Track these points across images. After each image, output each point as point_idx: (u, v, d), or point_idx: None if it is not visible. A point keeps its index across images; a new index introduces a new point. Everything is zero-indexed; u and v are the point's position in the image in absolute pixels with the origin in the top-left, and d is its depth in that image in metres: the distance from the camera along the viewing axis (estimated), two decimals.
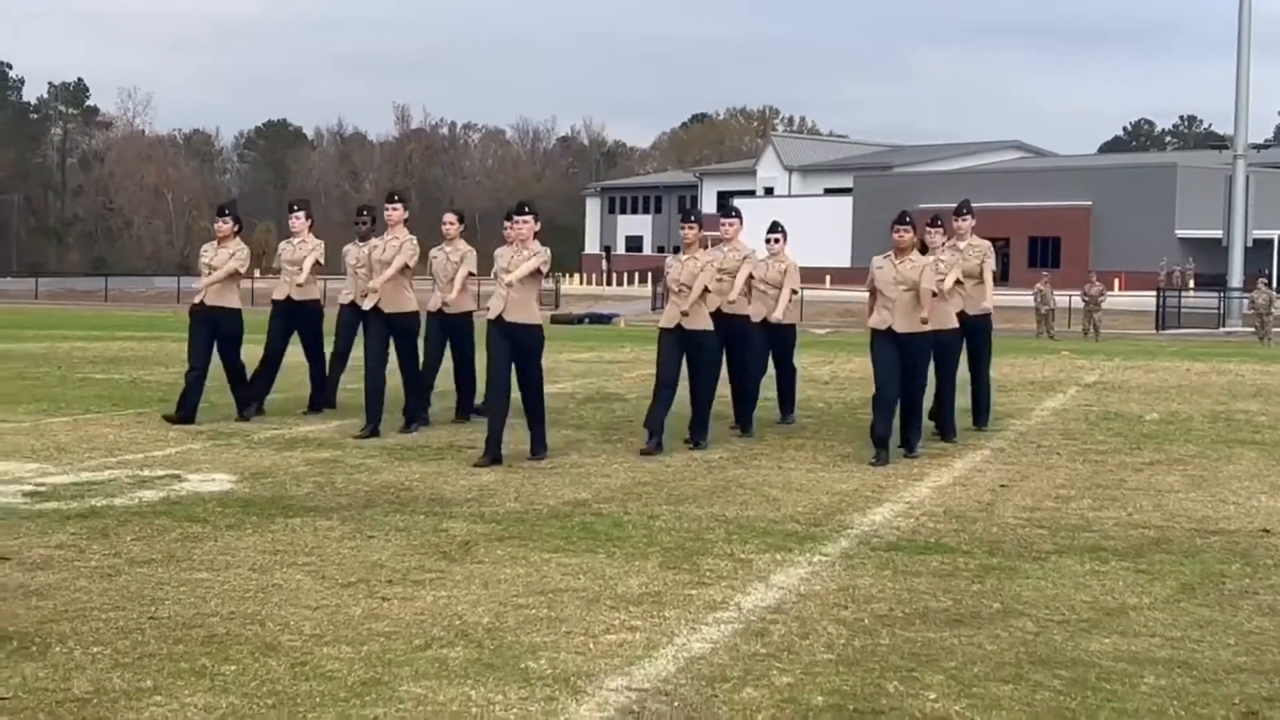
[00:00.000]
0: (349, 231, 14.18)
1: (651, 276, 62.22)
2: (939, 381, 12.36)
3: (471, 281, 13.11)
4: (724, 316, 12.00)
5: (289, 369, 14.08)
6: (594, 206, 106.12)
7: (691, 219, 11.70)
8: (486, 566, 7.03)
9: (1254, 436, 13.41)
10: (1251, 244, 54.57)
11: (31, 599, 6.21)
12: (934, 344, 11.52)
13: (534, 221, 11.01)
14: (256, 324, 13.92)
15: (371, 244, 12.84)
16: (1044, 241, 72.76)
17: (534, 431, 11.10)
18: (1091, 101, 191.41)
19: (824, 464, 11.02)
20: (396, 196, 12.93)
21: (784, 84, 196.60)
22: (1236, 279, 52.67)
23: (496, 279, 10.97)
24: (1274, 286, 41.93)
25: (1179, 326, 48.50)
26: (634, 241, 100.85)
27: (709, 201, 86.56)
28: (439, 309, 13.08)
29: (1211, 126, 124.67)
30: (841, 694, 5.02)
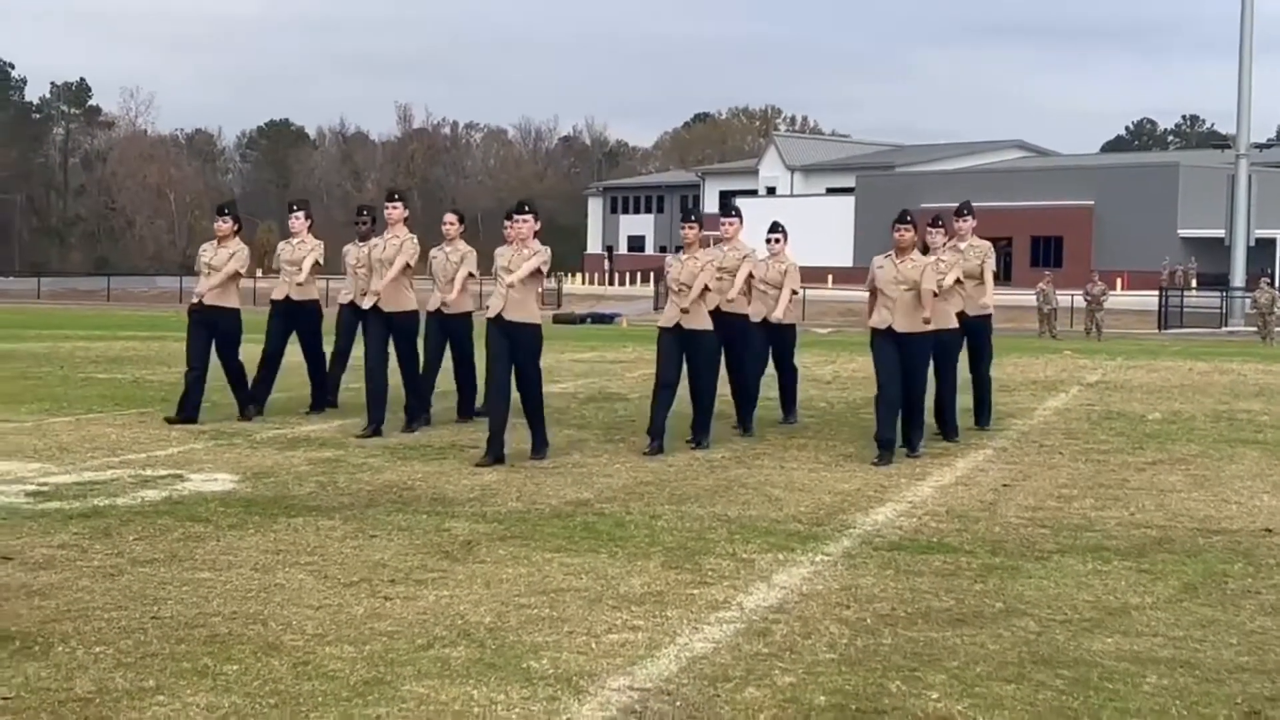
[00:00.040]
0: (351, 231, 14.18)
1: (653, 276, 62.22)
2: (939, 381, 12.35)
3: (472, 282, 13.11)
4: (723, 316, 12.00)
5: (289, 369, 14.08)
6: (596, 206, 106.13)
7: (692, 219, 11.72)
8: (489, 566, 7.03)
9: (1256, 436, 13.40)
10: (1254, 243, 54.57)
11: (34, 599, 6.22)
12: (934, 344, 11.53)
13: (534, 220, 11.01)
14: (255, 324, 13.92)
15: (372, 243, 12.84)
16: (1046, 241, 72.77)
17: (534, 432, 11.10)
18: (1094, 101, 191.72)
19: (826, 464, 11.02)
20: (396, 195, 12.92)
21: (785, 84, 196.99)
22: (1239, 278, 52.66)
23: (496, 278, 10.98)
24: (1276, 286, 41.83)
25: (1181, 326, 48.49)
26: (636, 241, 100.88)
27: (711, 201, 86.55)
28: (438, 309, 13.08)
29: (1214, 126, 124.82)
30: (844, 693, 5.02)
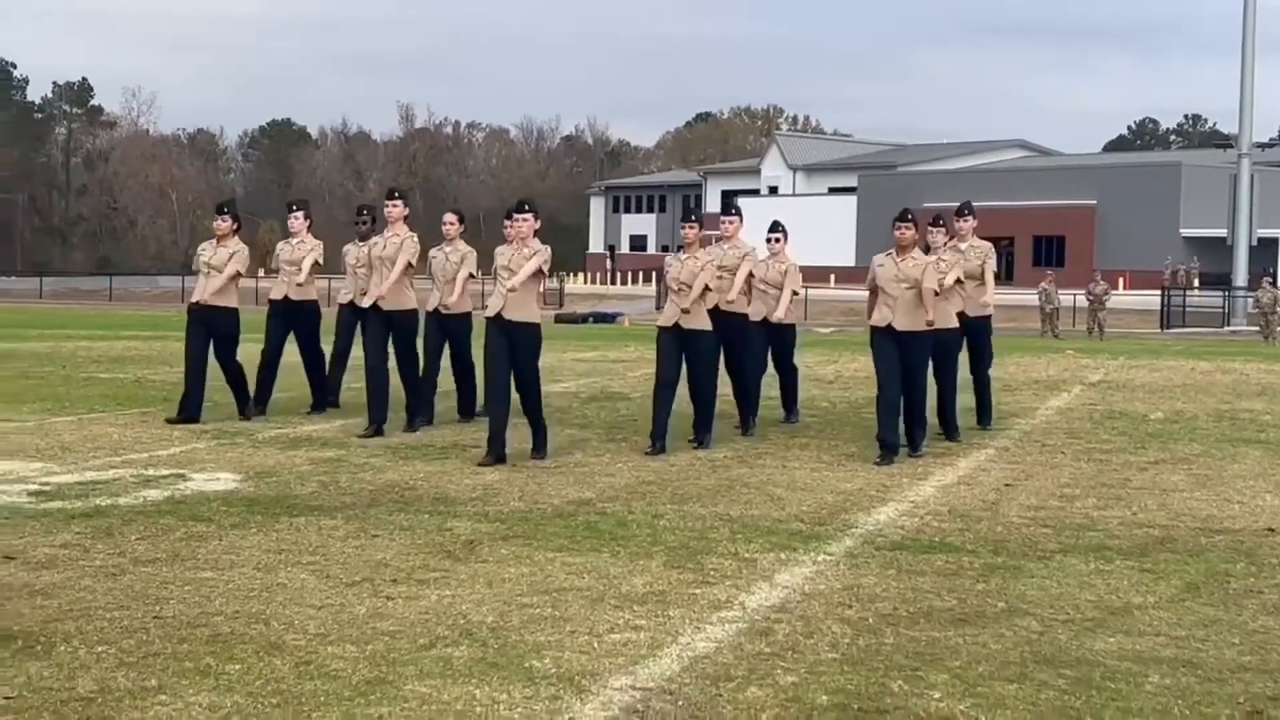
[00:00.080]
0: (352, 231, 14.18)
1: (656, 275, 62.27)
2: (940, 381, 12.34)
3: (473, 282, 13.09)
4: (723, 315, 11.99)
5: (291, 368, 14.08)
6: (598, 206, 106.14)
7: (692, 218, 11.72)
8: (491, 565, 7.03)
9: (1259, 435, 13.40)
10: (1256, 243, 54.58)
11: (36, 598, 6.22)
12: (934, 343, 11.51)
13: (534, 219, 11.00)
14: (254, 324, 13.91)
15: (372, 242, 12.82)
16: (1048, 240, 72.77)
17: (534, 431, 11.09)
18: (1096, 101, 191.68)
19: (828, 463, 11.02)
20: (396, 193, 12.88)
21: (786, 84, 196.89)
22: (1241, 278, 52.67)
23: (496, 277, 10.96)
24: (1278, 285, 41.82)
25: (1183, 325, 48.50)
26: (638, 241, 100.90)
27: (713, 201, 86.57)
28: (437, 308, 13.08)
29: (1216, 125, 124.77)
30: (846, 693, 5.02)
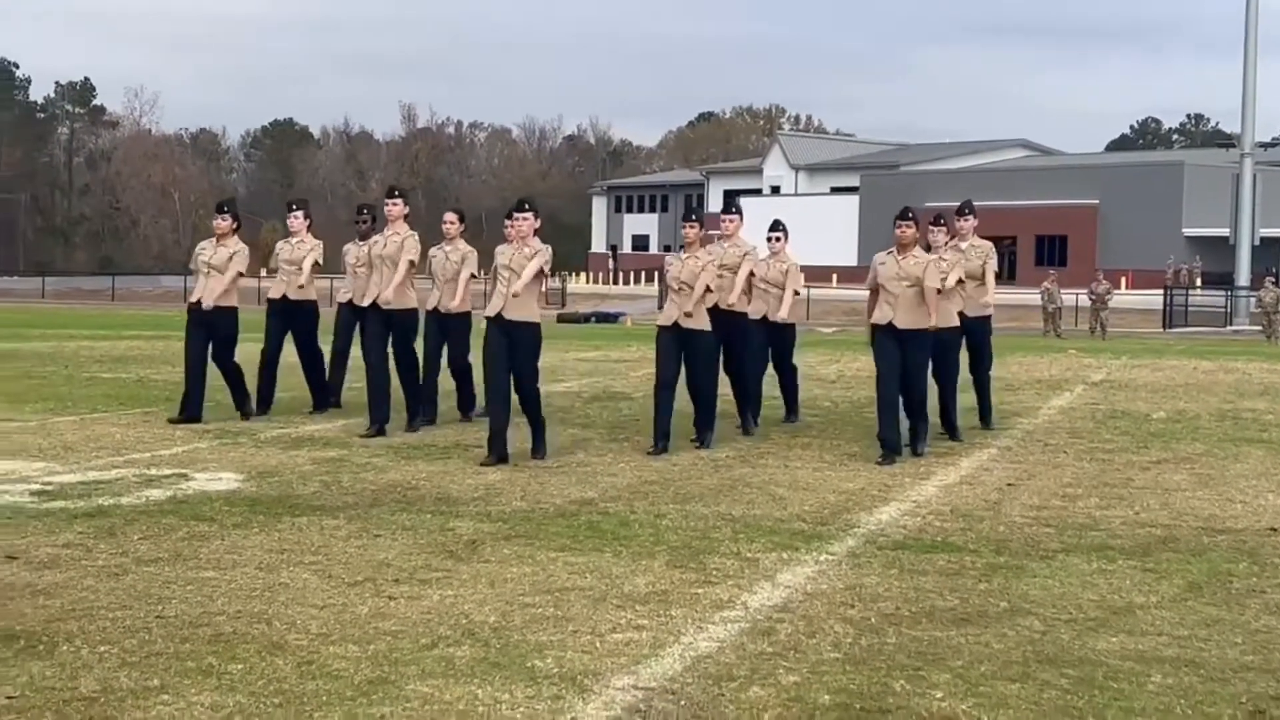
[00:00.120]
0: (354, 230, 14.16)
1: (658, 275, 62.24)
2: (940, 381, 12.32)
3: (475, 282, 13.05)
4: (722, 314, 11.98)
5: (292, 368, 14.06)
6: (600, 205, 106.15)
7: (693, 218, 11.70)
8: (493, 565, 7.03)
9: (1261, 435, 13.39)
10: (1259, 242, 54.55)
11: (39, 598, 6.22)
12: (934, 342, 11.48)
13: (534, 218, 10.98)
14: (253, 323, 13.90)
15: (372, 240, 12.79)
16: (1051, 240, 72.77)
17: (533, 431, 11.05)
18: (1098, 100, 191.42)
19: (830, 463, 11.02)
20: (396, 191, 12.83)
21: (787, 83, 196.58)
22: (1244, 277, 52.66)
23: (496, 276, 10.91)
24: None
25: (1186, 325, 48.49)
26: (640, 240, 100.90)
27: (716, 200, 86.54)
28: (436, 307, 13.06)
29: (1219, 125, 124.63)
30: (848, 693, 5.02)
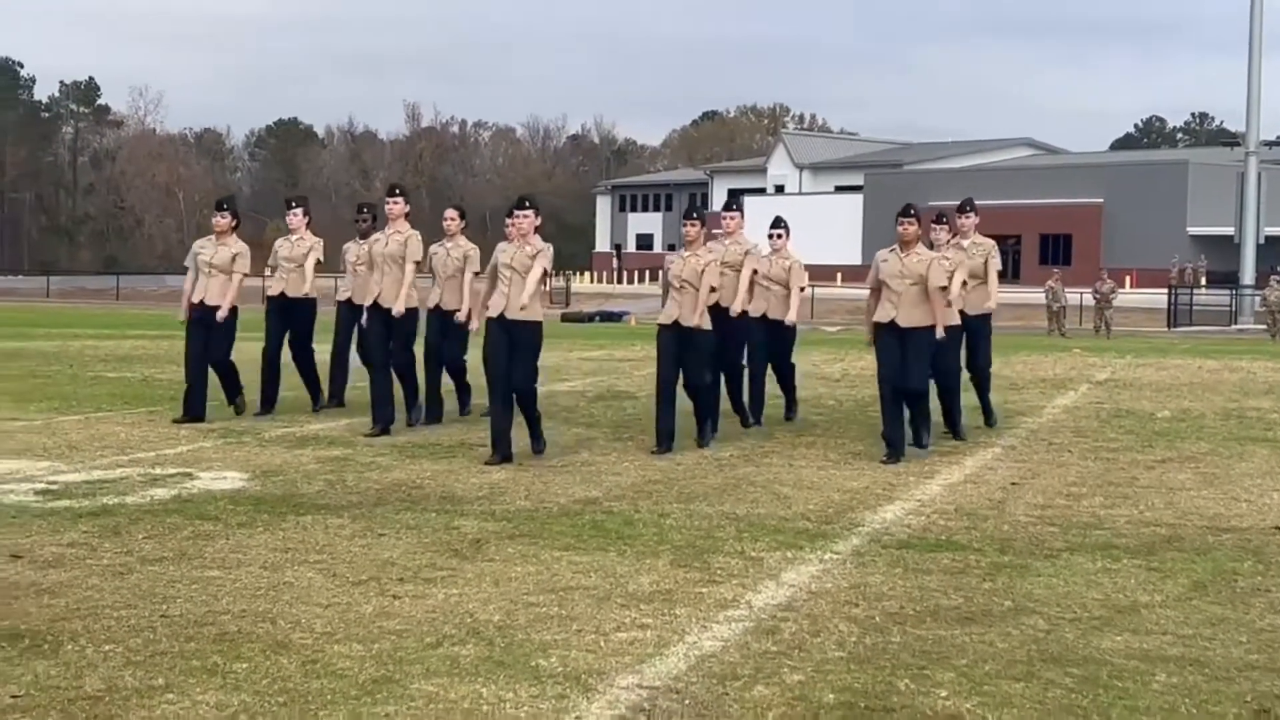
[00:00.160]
0: (356, 229, 14.13)
1: (662, 274, 62.30)
2: (941, 379, 12.24)
3: (478, 280, 13.03)
4: (722, 312, 11.94)
5: (293, 367, 14.04)
6: (604, 204, 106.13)
7: (694, 215, 11.67)
8: (497, 564, 7.03)
9: (1266, 434, 13.37)
10: (1263, 241, 54.47)
11: (43, 597, 6.23)
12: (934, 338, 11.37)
13: (535, 216, 10.95)
14: (250, 322, 13.88)
15: (373, 239, 12.71)
16: (1055, 239, 72.70)
17: (529, 428, 10.99)
18: (1102, 99, 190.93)
19: (835, 462, 11.01)
20: (397, 190, 12.72)
21: (790, 82, 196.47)
22: (1248, 276, 52.59)
23: (497, 275, 10.84)
24: None
25: (1190, 324, 48.43)
26: (644, 239, 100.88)
27: (720, 199, 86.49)
28: (437, 305, 13.05)
29: (1223, 123, 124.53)
30: (853, 691, 5.02)
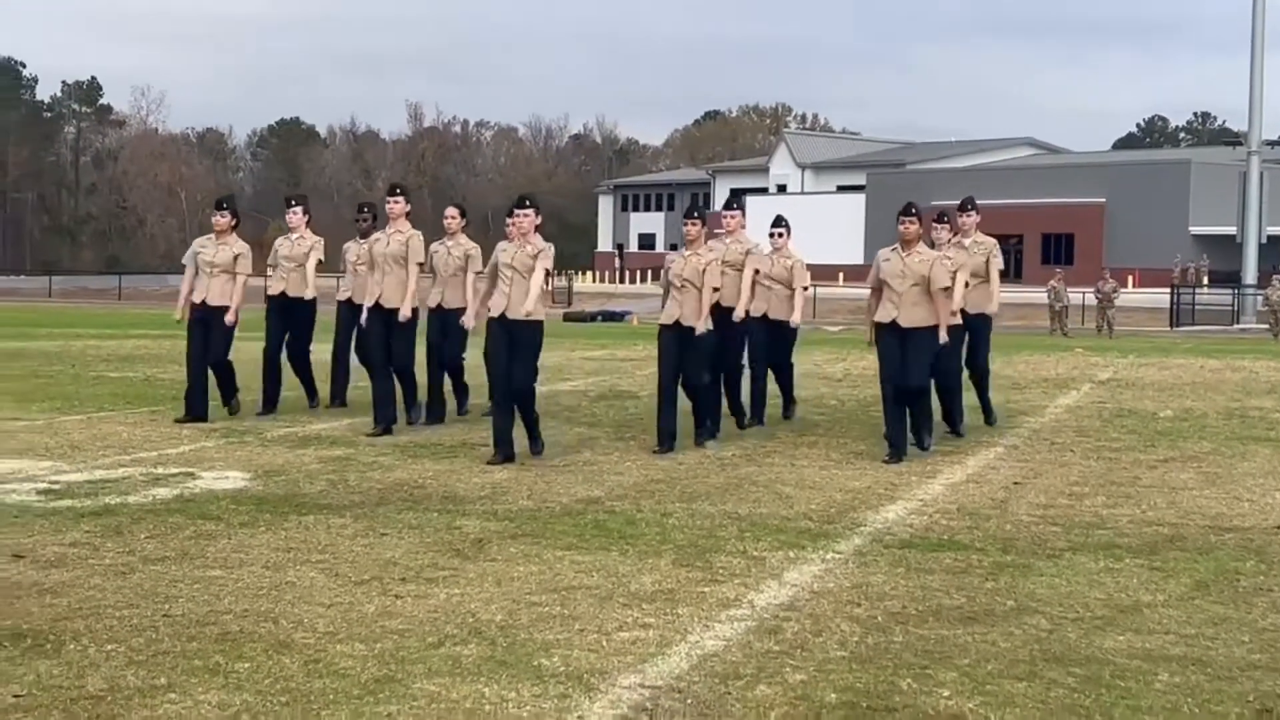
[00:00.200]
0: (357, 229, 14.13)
1: (663, 274, 62.23)
2: (942, 378, 12.23)
3: (479, 280, 13.01)
4: (722, 312, 11.92)
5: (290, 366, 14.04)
6: (606, 204, 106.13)
7: (694, 214, 11.65)
8: (499, 564, 7.03)
9: (1268, 433, 13.36)
10: (1266, 240, 54.48)
11: (45, 596, 6.23)
12: (936, 338, 11.36)
13: (535, 215, 10.94)
14: (250, 322, 13.87)
15: (373, 238, 12.66)
16: (1058, 238, 72.69)
17: (527, 429, 10.90)
18: (1103, 99, 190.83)
19: (837, 461, 11.01)
20: (398, 189, 12.66)
21: (791, 82, 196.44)
22: (1251, 276, 52.59)
23: (498, 275, 10.82)
24: None
25: (1193, 323, 48.42)
26: (646, 239, 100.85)
27: (721, 199, 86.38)
28: (439, 304, 13.04)
29: (1226, 123, 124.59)
30: (855, 691, 5.02)
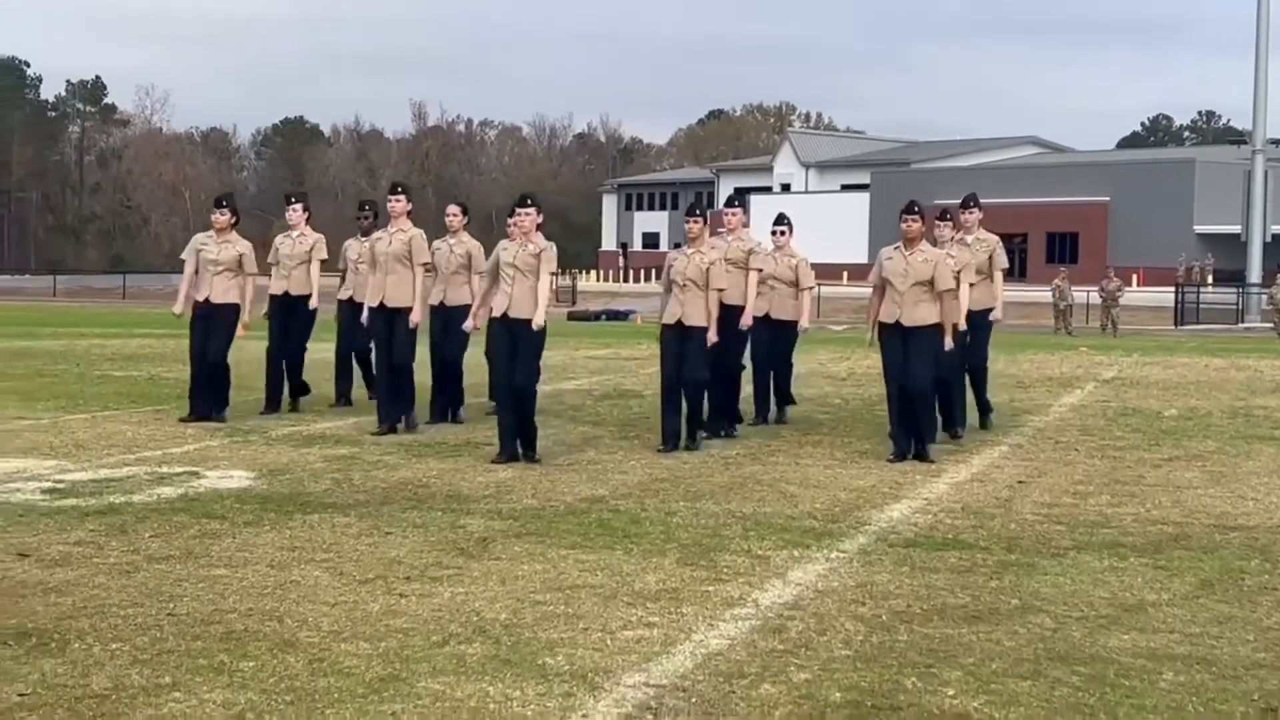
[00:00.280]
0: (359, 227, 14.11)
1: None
2: (943, 375, 12.18)
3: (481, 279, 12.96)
4: (724, 310, 11.89)
5: (306, 365, 14.05)
6: (610, 203, 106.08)
7: (696, 212, 11.63)
8: (504, 563, 7.03)
9: (1273, 432, 13.35)
10: (1270, 239, 54.41)
11: (50, 595, 6.24)
12: (938, 337, 11.33)
13: (537, 214, 10.92)
14: (252, 321, 13.86)
15: (375, 237, 12.58)
16: (1062, 237, 72.64)
17: (523, 437, 10.69)
18: (1103, 98, 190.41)
19: (841, 460, 11.01)
20: (399, 188, 12.59)
21: (795, 81, 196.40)
22: (1255, 274, 52.52)
23: (499, 275, 10.80)
24: None
25: (1197, 322, 48.35)
26: (650, 238, 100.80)
27: (725, 198, 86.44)
28: (441, 302, 13.04)
29: (1230, 122, 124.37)
30: (859, 690, 5.02)
